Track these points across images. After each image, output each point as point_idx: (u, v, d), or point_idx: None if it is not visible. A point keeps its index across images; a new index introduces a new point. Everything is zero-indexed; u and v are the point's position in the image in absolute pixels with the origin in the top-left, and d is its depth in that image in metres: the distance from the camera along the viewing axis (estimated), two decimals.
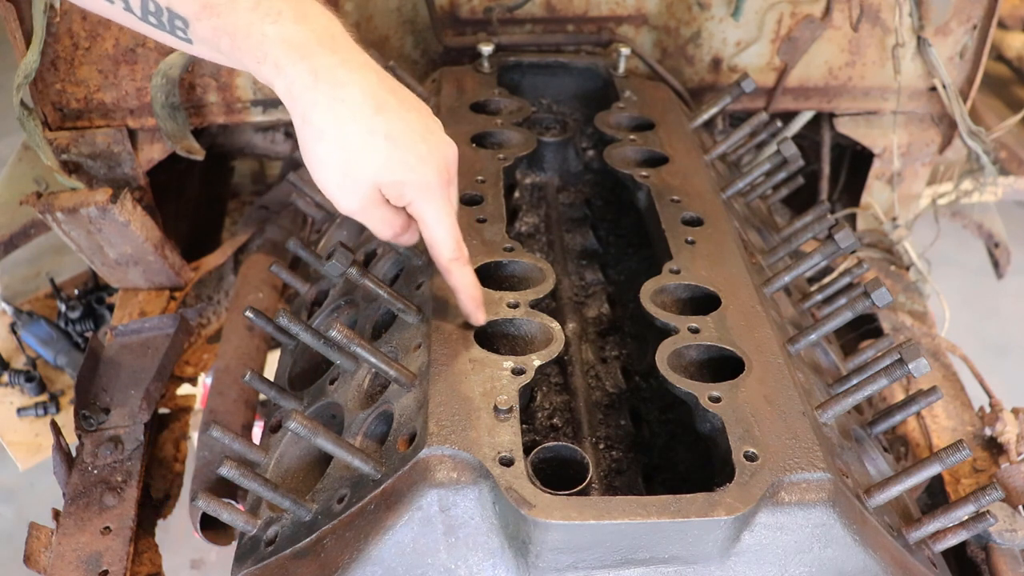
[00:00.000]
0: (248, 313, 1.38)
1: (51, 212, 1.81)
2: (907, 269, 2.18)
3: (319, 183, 1.11)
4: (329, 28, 1.06)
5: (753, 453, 1.02)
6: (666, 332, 1.20)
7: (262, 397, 1.71)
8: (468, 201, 1.42)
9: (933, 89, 2.09)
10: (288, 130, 2.23)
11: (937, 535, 1.19)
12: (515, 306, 1.21)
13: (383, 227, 1.15)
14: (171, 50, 1.82)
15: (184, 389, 1.85)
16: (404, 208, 1.14)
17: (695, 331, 1.19)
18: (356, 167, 1.08)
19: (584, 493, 0.99)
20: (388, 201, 1.12)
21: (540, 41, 1.95)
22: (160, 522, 1.57)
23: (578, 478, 1.02)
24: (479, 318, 1.19)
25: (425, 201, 1.12)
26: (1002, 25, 3.85)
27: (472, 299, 1.18)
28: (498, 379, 1.08)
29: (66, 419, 1.72)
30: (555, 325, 1.19)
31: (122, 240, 1.88)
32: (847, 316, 1.28)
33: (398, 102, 1.09)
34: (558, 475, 1.03)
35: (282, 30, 1.03)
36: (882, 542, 1.08)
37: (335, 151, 1.07)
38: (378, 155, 1.07)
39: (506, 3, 1.91)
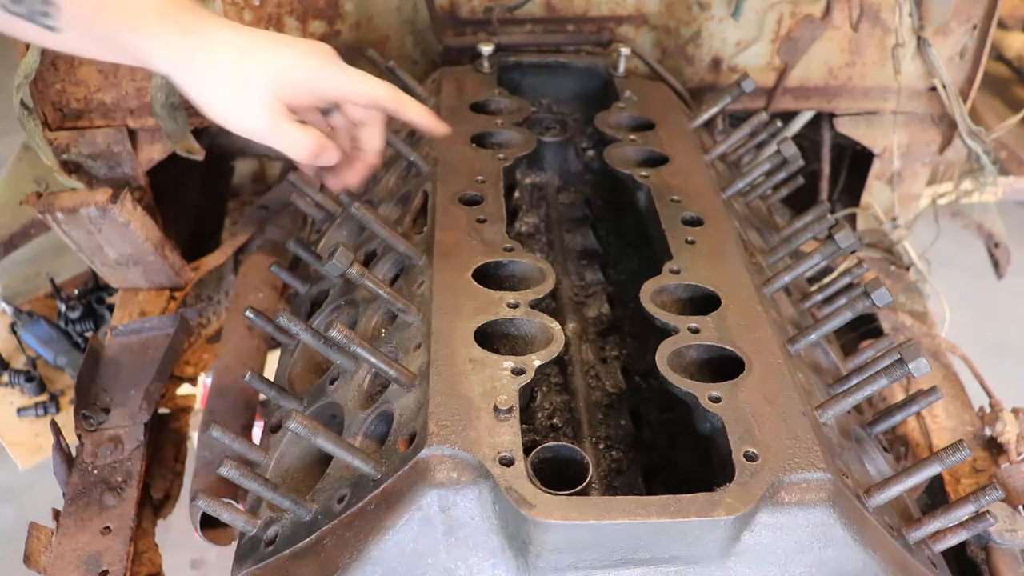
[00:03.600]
0: (248, 313, 1.38)
1: (51, 212, 1.81)
2: (907, 269, 2.18)
3: (223, 122, 1.16)
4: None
5: (753, 453, 1.02)
6: (666, 332, 1.20)
7: (262, 397, 1.71)
8: (468, 201, 1.42)
9: (933, 89, 2.09)
10: None
11: (937, 535, 1.19)
12: (515, 306, 1.21)
13: (297, 141, 1.19)
14: None
15: (184, 389, 1.85)
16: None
17: (695, 331, 1.19)
18: (248, 82, 1.13)
19: (584, 493, 0.99)
20: (291, 116, 1.17)
21: (540, 41, 1.95)
22: (160, 522, 1.57)
23: (578, 478, 1.02)
24: (443, 127, 1.31)
25: (332, 74, 1.19)
26: (1002, 25, 3.85)
27: (430, 117, 1.30)
28: (498, 379, 1.08)
29: (66, 419, 1.72)
30: (555, 325, 1.19)
31: (122, 240, 1.88)
32: (847, 316, 1.28)
33: (262, 31, 1.17)
34: (558, 475, 1.03)
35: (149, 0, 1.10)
36: (882, 542, 1.08)
37: (222, 82, 1.13)
38: (261, 64, 1.13)
39: (506, 3, 1.91)
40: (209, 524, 1.44)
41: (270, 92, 1.14)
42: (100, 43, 1.12)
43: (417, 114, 1.28)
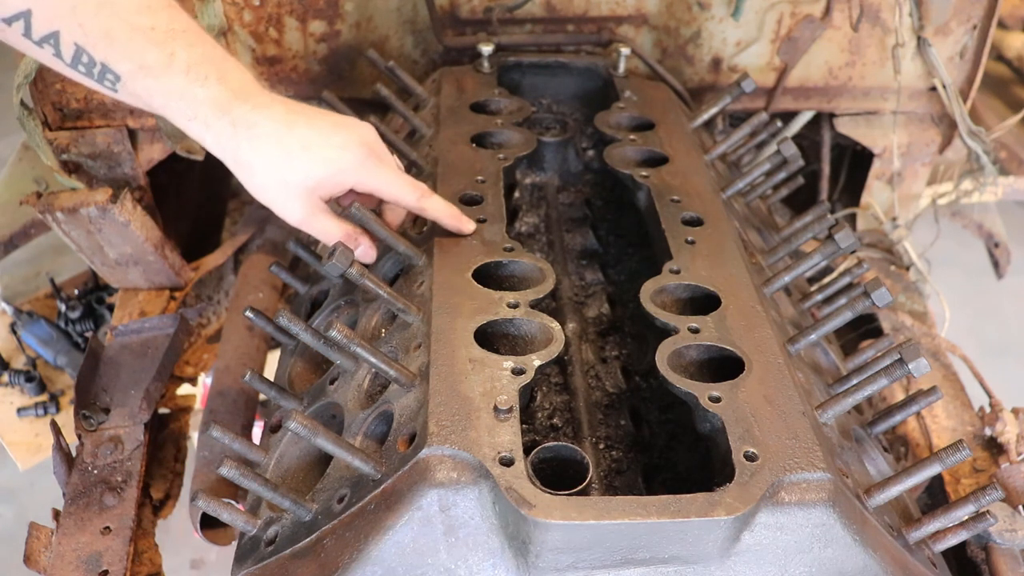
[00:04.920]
0: (248, 313, 1.38)
1: (51, 212, 1.81)
2: (907, 269, 2.18)
3: (266, 205, 1.26)
4: (243, 82, 1.22)
5: (753, 453, 1.02)
6: (666, 332, 1.20)
7: (262, 397, 1.71)
8: (468, 201, 1.42)
9: (933, 89, 2.09)
10: None
11: (937, 535, 1.19)
12: (515, 306, 1.21)
13: (330, 234, 1.28)
14: None
15: (184, 389, 1.85)
16: (351, 210, 1.26)
17: (695, 331, 1.19)
18: (287, 182, 1.22)
19: (584, 493, 0.99)
20: (327, 208, 1.27)
21: (540, 41, 1.95)
22: (160, 522, 1.57)
23: (578, 478, 1.02)
24: (467, 226, 1.34)
25: (364, 174, 1.26)
26: (1002, 25, 3.85)
27: (453, 217, 1.33)
28: (498, 379, 1.08)
29: (66, 419, 1.72)
30: (555, 325, 1.19)
31: (122, 240, 1.88)
32: (847, 316, 1.28)
33: (305, 118, 1.24)
34: (558, 475, 1.03)
35: (208, 92, 1.18)
36: (882, 542, 1.08)
37: (266, 177, 1.23)
38: (301, 165, 1.22)
39: (506, 3, 1.91)
40: (209, 524, 1.44)
41: (309, 192, 1.24)
42: (153, 111, 1.22)
43: (443, 215, 1.33)
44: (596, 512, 0.94)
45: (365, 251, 1.32)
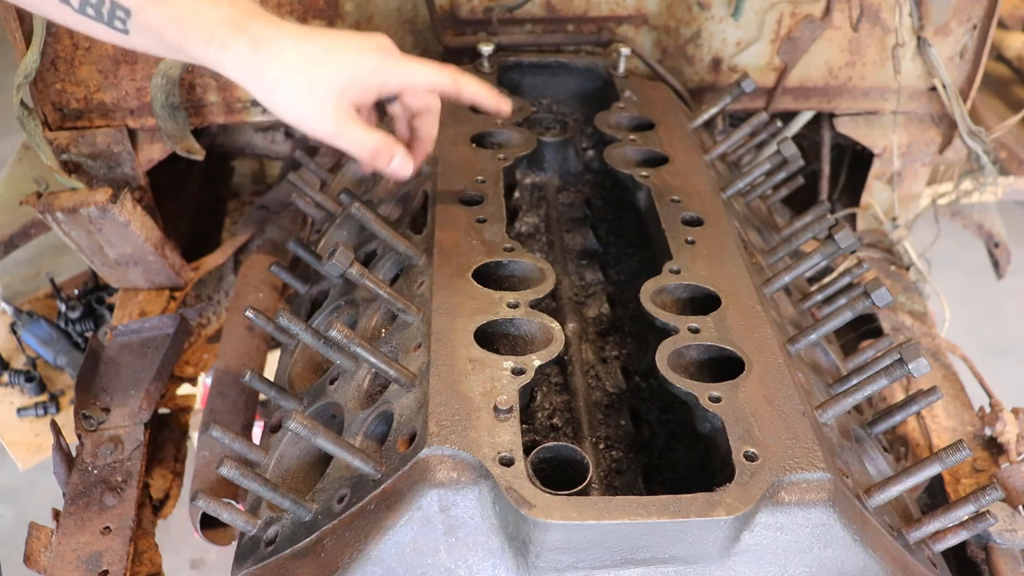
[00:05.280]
0: (248, 313, 1.38)
1: (51, 212, 1.81)
2: (907, 269, 2.18)
3: (294, 124, 1.22)
4: (251, 3, 1.19)
5: (753, 453, 1.02)
6: (666, 332, 1.20)
7: (262, 397, 1.71)
8: (468, 201, 1.42)
9: (933, 89, 2.09)
10: (288, 130, 2.23)
11: (937, 535, 1.19)
12: (515, 306, 1.21)
13: (364, 143, 1.23)
14: None
15: (184, 389, 1.85)
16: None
17: (695, 331, 1.19)
18: (315, 90, 1.18)
19: (584, 493, 0.99)
20: (357, 116, 1.23)
21: (540, 41, 1.95)
22: (160, 522, 1.57)
23: (578, 478, 1.02)
24: (506, 105, 1.35)
25: (391, 68, 1.23)
26: (1002, 25, 3.85)
27: (492, 94, 1.32)
28: (498, 379, 1.08)
29: (66, 419, 1.72)
30: (555, 325, 1.19)
31: (122, 240, 1.88)
32: (847, 316, 1.28)
33: (321, 31, 1.22)
34: (558, 475, 1.03)
35: (222, 12, 1.15)
36: (882, 542, 1.08)
37: (291, 88, 1.18)
38: (326, 68, 1.18)
39: (506, 3, 1.91)
40: (209, 524, 1.44)
41: (337, 96, 1.20)
42: (168, 48, 1.17)
43: (478, 92, 1.31)
44: (596, 512, 0.94)
45: (402, 162, 1.28)
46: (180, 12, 1.14)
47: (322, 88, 1.19)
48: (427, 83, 1.27)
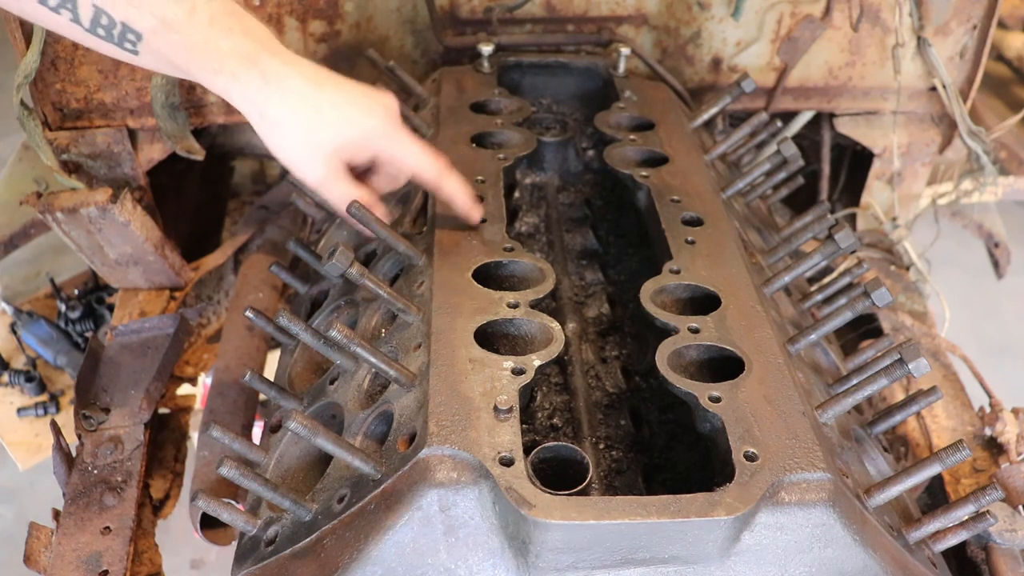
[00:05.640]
0: (248, 313, 1.38)
1: (51, 212, 1.81)
2: (907, 269, 2.18)
3: (286, 164, 1.25)
4: (267, 37, 1.21)
5: (753, 453, 1.02)
6: (666, 332, 1.20)
7: (262, 397, 1.71)
8: None
9: (933, 89, 2.09)
10: None
11: (937, 535, 1.19)
12: (515, 306, 1.21)
13: (346, 198, 1.26)
14: None
15: (184, 389, 1.85)
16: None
17: (695, 331, 1.19)
18: (313, 140, 1.22)
19: (584, 493, 0.99)
20: (348, 172, 1.26)
21: (540, 41, 1.95)
22: (160, 522, 1.57)
23: (578, 478, 1.02)
24: (477, 214, 1.34)
25: (387, 140, 1.27)
26: (1002, 25, 3.85)
27: (467, 199, 1.33)
28: (498, 379, 1.08)
29: (66, 419, 1.72)
30: (555, 325, 1.19)
31: (122, 240, 1.88)
32: (847, 316, 1.28)
33: (333, 79, 1.24)
34: (558, 475, 1.03)
35: (234, 43, 1.17)
36: (882, 542, 1.08)
37: (292, 132, 1.21)
38: (329, 124, 1.22)
39: (506, 3, 1.91)
40: (209, 524, 1.44)
41: (333, 152, 1.24)
42: (176, 70, 1.19)
43: (456, 195, 1.33)
44: (596, 512, 0.94)
45: (383, 215, 1.31)
46: (192, 40, 1.15)
47: (321, 142, 1.22)
48: (415, 169, 1.30)
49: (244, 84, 1.18)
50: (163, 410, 1.75)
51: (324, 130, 1.21)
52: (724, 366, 1.17)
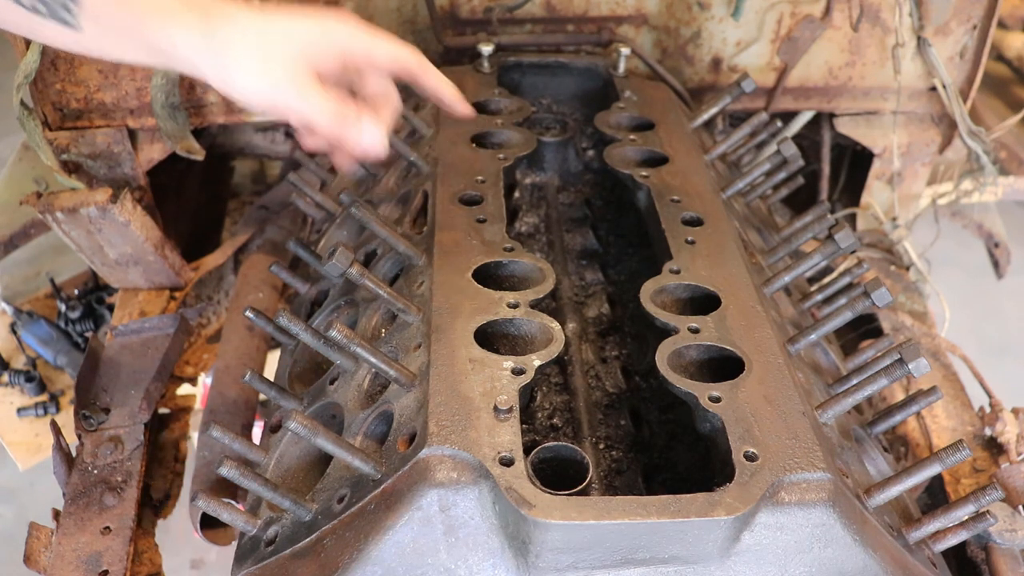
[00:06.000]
0: (248, 313, 1.38)
1: (51, 212, 1.81)
2: (907, 269, 2.18)
3: (250, 99, 1.13)
4: None
5: (753, 453, 1.02)
6: (666, 332, 1.20)
7: (262, 397, 1.71)
8: (468, 201, 1.42)
9: (933, 89, 2.09)
10: (288, 130, 2.23)
11: (937, 535, 1.19)
12: (515, 306, 1.21)
13: (327, 109, 1.14)
14: None
15: (184, 389, 1.85)
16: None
17: (695, 331, 1.19)
18: (271, 54, 1.10)
19: (584, 493, 0.99)
20: (320, 81, 1.13)
21: (540, 41, 1.95)
22: (160, 522, 1.57)
23: (578, 478, 1.02)
24: (467, 107, 1.28)
25: (355, 36, 1.16)
26: (1002, 25, 3.85)
27: (453, 89, 1.26)
28: (498, 379, 1.08)
29: (66, 419, 1.72)
30: (555, 325, 1.19)
31: (122, 240, 1.88)
32: (847, 316, 1.28)
33: (285, 9, 1.14)
34: (558, 475, 1.03)
35: None
36: (882, 542, 1.08)
37: (248, 61, 1.10)
38: (286, 33, 1.11)
39: (506, 3, 1.91)
40: (209, 524, 1.44)
41: (297, 57, 1.12)
42: (120, 36, 1.11)
43: (440, 84, 1.25)
44: (596, 512, 0.94)
45: (371, 128, 1.17)
46: None
47: (279, 54, 1.11)
48: (393, 59, 1.19)
49: (187, 27, 1.08)
50: (163, 410, 1.75)
51: (283, 39, 1.11)
52: (724, 366, 1.17)
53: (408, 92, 1.80)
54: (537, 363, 1.12)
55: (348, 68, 1.19)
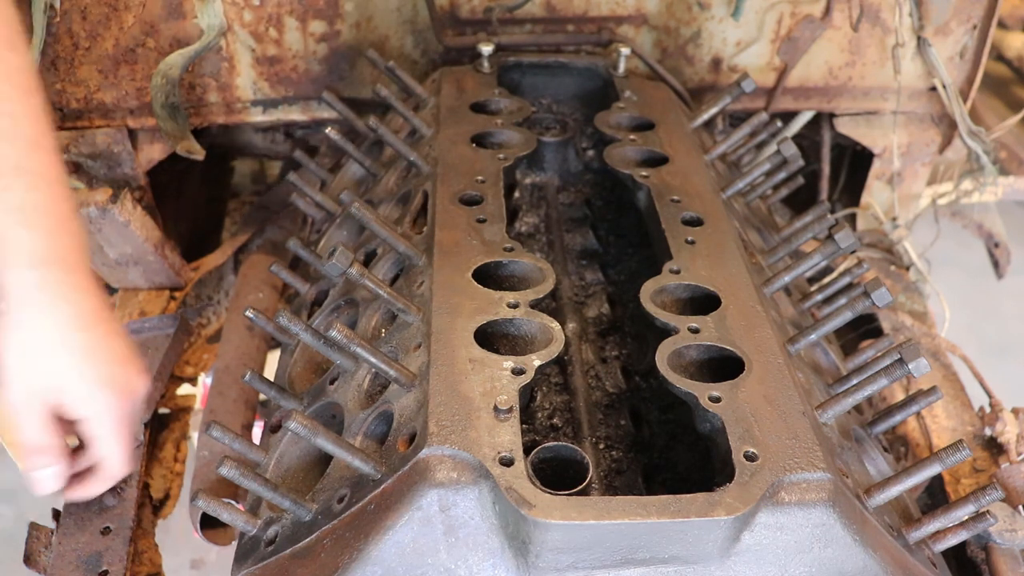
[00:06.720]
0: (248, 313, 1.38)
1: None
2: (907, 269, 2.18)
3: (3, 366, 1.12)
4: (76, 248, 1.13)
5: (753, 453, 1.02)
6: (666, 332, 1.20)
7: (262, 397, 1.71)
8: (468, 201, 1.42)
9: (933, 89, 2.09)
10: (288, 130, 2.23)
11: (937, 535, 1.19)
12: (515, 306, 1.21)
13: (37, 436, 1.15)
14: (171, 50, 1.83)
15: (184, 389, 1.85)
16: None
17: (695, 331, 1.19)
18: (42, 365, 1.12)
19: (584, 493, 0.99)
20: (52, 416, 1.15)
21: (540, 41, 1.95)
22: (160, 522, 1.57)
23: (578, 478, 1.02)
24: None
25: (100, 421, 1.17)
26: (1002, 25, 3.84)
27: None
28: (498, 379, 1.08)
29: None
30: (555, 325, 1.19)
31: (122, 240, 1.88)
32: (847, 316, 1.28)
33: (106, 330, 1.15)
34: (558, 475, 1.03)
35: (33, 239, 1.09)
36: (882, 542, 1.08)
37: (28, 342, 1.11)
38: (65, 366, 1.12)
39: (506, 3, 1.91)
40: (209, 524, 1.44)
41: (50, 387, 1.14)
42: None
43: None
44: (596, 512, 0.94)
45: (53, 476, 1.20)
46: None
47: (45, 377, 1.13)
48: (102, 456, 1.21)
49: (18, 277, 1.09)
50: (163, 410, 1.75)
51: (53, 369, 1.12)
52: (724, 366, 1.17)
53: (408, 91, 1.81)
54: (537, 363, 1.12)
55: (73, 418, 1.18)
